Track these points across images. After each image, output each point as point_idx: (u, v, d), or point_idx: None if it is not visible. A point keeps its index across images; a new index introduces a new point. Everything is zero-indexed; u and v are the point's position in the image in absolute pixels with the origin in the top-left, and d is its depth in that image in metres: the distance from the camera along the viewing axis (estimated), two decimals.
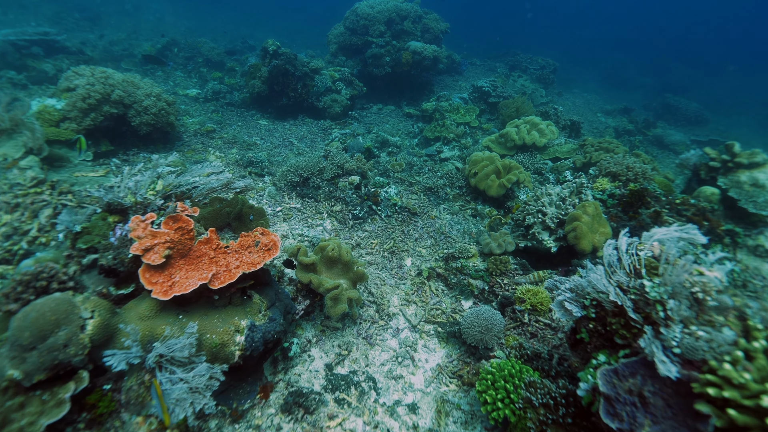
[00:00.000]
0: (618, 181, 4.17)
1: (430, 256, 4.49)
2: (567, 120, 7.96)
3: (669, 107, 12.45)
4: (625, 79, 18.25)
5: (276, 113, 9.79)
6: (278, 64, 9.06)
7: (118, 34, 16.23)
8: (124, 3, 21.53)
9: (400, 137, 9.30)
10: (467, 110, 9.04)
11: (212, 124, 8.51)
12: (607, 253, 2.10)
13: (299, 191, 4.98)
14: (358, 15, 11.41)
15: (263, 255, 2.62)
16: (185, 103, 9.97)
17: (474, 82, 12.64)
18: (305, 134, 8.79)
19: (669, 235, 2.13)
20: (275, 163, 7.00)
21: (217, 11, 24.56)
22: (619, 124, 10.55)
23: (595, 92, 15.83)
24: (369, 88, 11.52)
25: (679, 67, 19.27)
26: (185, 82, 12.02)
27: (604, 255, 2.11)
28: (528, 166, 6.07)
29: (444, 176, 5.87)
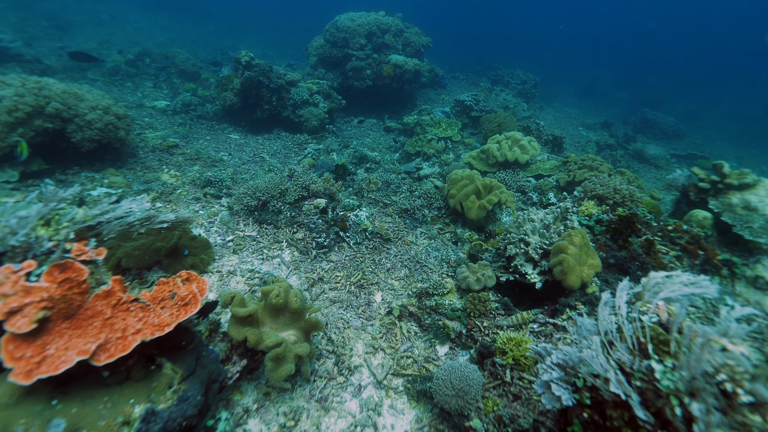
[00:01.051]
0: (605, 205, 3.80)
1: (403, 290, 4.01)
2: (549, 135, 7.69)
3: (647, 121, 12.45)
4: (603, 94, 18.44)
5: (250, 126, 9.30)
6: (251, 76, 8.60)
7: (89, 44, 15.59)
8: (100, 12, 20.90)
9: (380, 152, 8.89)
10: (449, 124, 8.71)
11: (176, 139, 7.95)
12: (603, 316, 1.66)
13: (257, 216, 4.46)
14: (338, 28, 11.11)
15: (177, 313, 2.10)
16: (151, 115, 9.40)
17: (457, 96, 12.43)
18: (279, 149, 8.30)
19: (676, 290, 1.71)
20: (240, 182, 6.47)
21: (200, 22, 24.11)
22: (600, 138, 10.41)
23: (575, 106, 15.87)
24: (350, 101, 11.16)
25: (654, 82, 19.67)
26: (155, 93, 11.46)
27: (599, 319, 1.66)
28: (510, 184, 5.70)
29: (422, 196, 5.44)
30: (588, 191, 3.97)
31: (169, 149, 7.27)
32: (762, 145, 12.64)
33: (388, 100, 11.25)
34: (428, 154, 6.82)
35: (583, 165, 5.18)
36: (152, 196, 4.79)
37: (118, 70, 12.36)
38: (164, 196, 4.94)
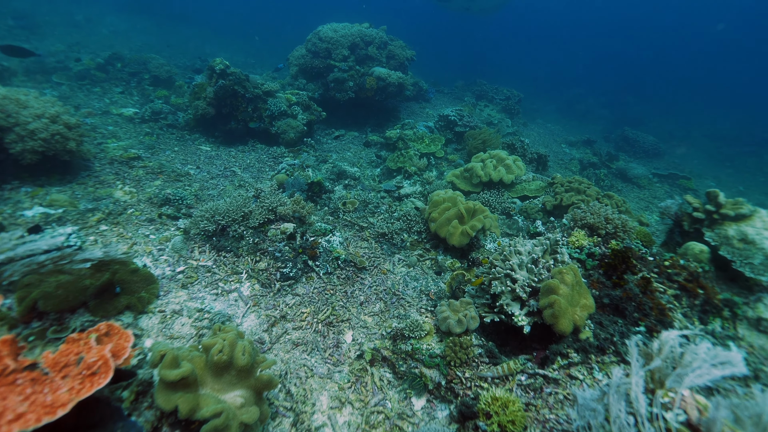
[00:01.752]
0: (596, 236, 3.51)
1: (378, 328, 3.59)
2: (534, 153, 7.50)
3: (628, 140, 12.54)
4: (585, 111, 18.70)
5: (223, 137, 8.81)
6: (225, 85, 8.15)
7: (57, 45, 14.84)
8: (74, 14, 20.10)
9: (360, 167, 8.53)
10: (432, 140, 8.43)
11: (139, 150, 7.40)
12: (615, 411, 1.29)
13: (215, 243, 3.99)
14: (320, 38, 10.81)
15: (80, 387, 1.64)
16: (116, 123, 8.81)
17: (441, 110, 12.24)
18: (252, 162, 7.83)
19: (704, 375, 1.36)
20: (206, 199, 5.97)
21: (181, 28, 23.50)
22: (584, 156, 10.35)
23: (558, 122, 15.96)
24: (331, 113, 10.79)
25: (633, 102, 20.09)
26: (124, 99, 10.85)
27: (611, 414, 1.29)
28: (494, 205, 5.40)
29: (402, 218, 5.07)
30: (578, 220, 3.68)
31: (129, 161, 6.71)
32: (737, 165, 12.90)
33: (370, 112, 10.96)
34: (410, 171, 6.48)
35: (570, 188, 4.93)
36: (97, 218, 4.26)
37: (86, 75, 11.71)
38: (112, 217, 4.41)
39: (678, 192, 8.94)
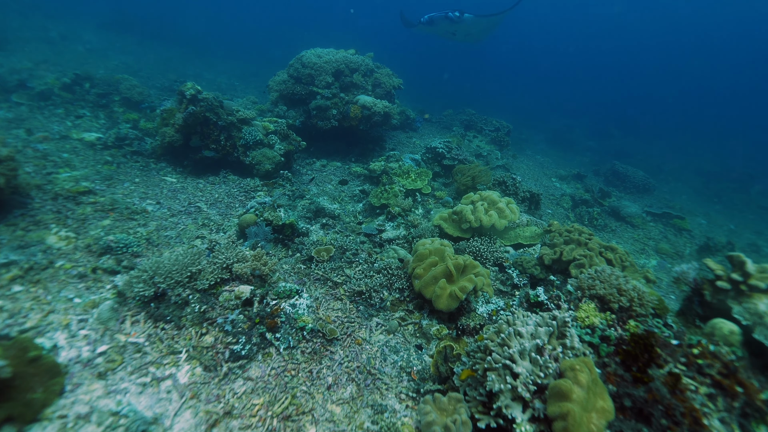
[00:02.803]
0: (609, 312, 2.97)
1: (347, 421, 2.91)
2: (526, 192, 7.06)
3: (618, 174, 12.38)
4: (572, 142, 18.75)
5: (193, 167, 8.13)
6: (195, 111, 7.56)
7: (23, 63, 14.08)
8: (48, 30, 19.41)
9: (341, 202, 7.94)
10: (419, 174, 7.94)
11: (94, 181, 6.67)
12: None
13: (153, 310, 3.27)
14: (303, 63, 10.39)
15: None
16: (74, 150, 8.07)
17: (428, 140, 11.87)
18: (221, 196, 7.16)
19: None
20: (160, 244, 5.24)
21: (163, 47, 23.01)
22: (575, 192, 10.03)
23: (547, 154, 15.84)
24: (313, 142, 10.27)
25: (619, 134, 20.36)
26: (88, 123, 10.12)
27: None
28: (486, 255, 4.84)
29: (382, 271, 4.45)
30: (585, 288, 3.14)
31: (77, 196, 5.96)
32: (725, 201, 12.86)
33: (354, 141, 10.49)
34: (393, 213, 5.91)
35: (570, 239, 4.43)
36: (11, 275, 3.50)
37: (50, 95, 10.98)
38: (32, 273, 3.65)
39: (672, 232, 8.63)
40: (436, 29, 12.27)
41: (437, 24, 11.78)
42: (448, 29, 12.03)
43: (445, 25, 11.82)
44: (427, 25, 11.90)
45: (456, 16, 11.15)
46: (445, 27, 11.92)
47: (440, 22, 11.53)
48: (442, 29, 12.13)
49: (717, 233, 9.41)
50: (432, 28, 12.17)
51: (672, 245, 7.89)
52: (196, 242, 5.65)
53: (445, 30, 12.19)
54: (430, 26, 11.98)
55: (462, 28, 11.77)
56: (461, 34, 12.24)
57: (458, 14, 11.14)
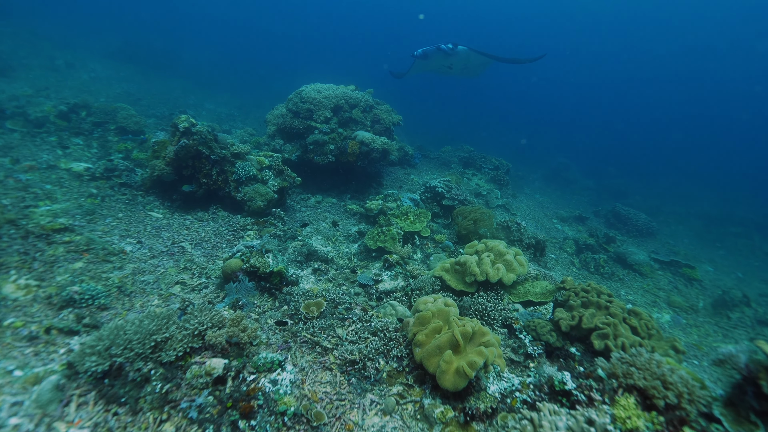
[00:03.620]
0: (654, 411, 2.49)
1: None
2: (531, 239, 6.70)
3: (620, 217, 12.13)
4: (569, 180, 18.70)
5: (182, 201, 7.75)
6: (187, 145, 7.27)
7: (24, 89, 14.01)
8: (55, 58, 19.59)
9: (335, 243, 7.53)
10: (417, 215, 7.59)
11: (74, 217, 6.25)
12: None
13: (106, 389, 2.75)
14: (302, 98, 10.31)
15: None
16: (59, 181, 7.71)
17: (427, 177, 11.65)
18: (208, 235, 6.72)
19: None
20: (132, 295, 4.75)
21: (166, 77, 23.27)
22: (579, 236, 9.70)
23: (545, 193, 15.68)
24: (309, 177, 10.00)
25: (616, 173, 20.43)
26: (80, 152, 9.83)
27: None
28: (493, 315, 4.38)
29: (379, 332, 3.96)
30: (619, 375, 2.67)
31: (51, 234, 5.51)
32: (728, 246, 12.59)
33: (351, 178, 10.23)
34: (391, 261, 5.48)
35: (588, 300, 4.00)
36: None
37: (45, 122, 10.77)
38: None
39: (682, 282, 8.25)
40: (431, 63, 12.07)
41: (431, 57, 11.55)
42: (443, 63, 11.81)
43: (440, 58, 11.55)
44: (421, 60, 11.68)
45: (449, 48, 10.95)
46: (439, 60, 11.69)
47: (434, 55, 11.29)
48: (438, 63, 11.90)
49: (725, 281, 9.02)
50: (427, 62, 11.98)
51: (684, 297, 7.47)
52: (175, 288, 5.17)
53: (440, 64, 11.99)
54: (424, 60, 11.78)
55: (458, 61, 11.57)
56: (458, 68, 12.05)
57: (451, 46, 10.95)
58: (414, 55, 11.43)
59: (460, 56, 11.31)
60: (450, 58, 11.40)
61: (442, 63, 11.72)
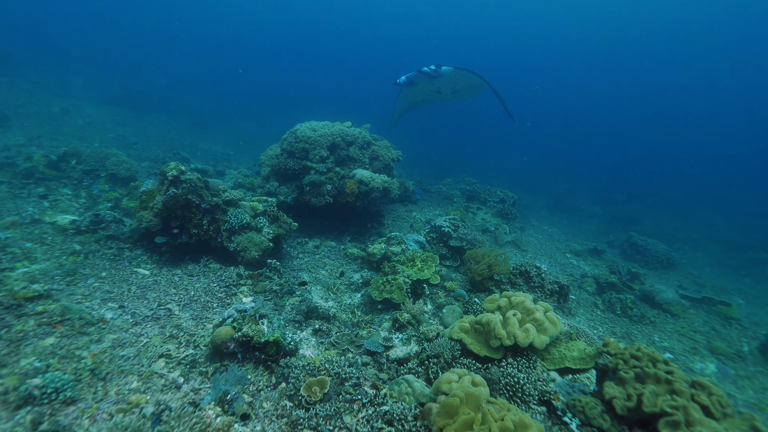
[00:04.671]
0: None
1: None
2: (554, 284, 6.12)
3: (636, 247, 11.55)
4: (574, 207, 18.28)
5: (171, 254, 7.20)
6: (176, 195, 6.81)
7: (17, 139, 13.76)
8: (51, 106, 19.64)
9: (337, 294, 6.92)
10: (425, 260, 7.03)
11: (51, 280, 5.68)
12: None
13: None
14: (297, 137, 9.98)
15: None
16: (42, 237, 7.20)
17: (429, 214, 11.18)
18: (198, 294, 6.12)
19: None
20: (107, 379, 4.10)
21: (161, 120, 23.33)
22: (598, 273, 9.09)
23: (551, 222, 15.20)
24: (306, 219, 9.51)
25: (623, 198, 20.02)
26: (67, 203, 9.38)
27: None
28: (528, 389, 3.72)
29: (394, 423, 3.31)
30: None
31: (23, 304, 4.93)
32: (754, 274, 11.97)
33: (350, 218, 9.74)
34: (402, 321, 4.87)
35: (642, 371, 3.37)
36: None
37: (34, 172, 10.40)
38: None
39: (719, 322, 7.58)
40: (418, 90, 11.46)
41: (417, 83, 10.90)
42: (430, 87, 11.17)
43: (426, 82, 10.83)
44: (406, 87, 11.10)
45: (432, 69, 10.33)
46: (426, 85, 11.04)
47: (419, 80, 10.72)
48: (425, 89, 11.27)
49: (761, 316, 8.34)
50: (413, 89, 11.43)
51: (726, 341, 6.79)
52: (158, 364, 4.51)
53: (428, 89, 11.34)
54: (410, 88, 11.22)
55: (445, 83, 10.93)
56: (447, 91, 11.38)
57: (434, 67, 10.33)
58: (397, 82, 10.87)
59: (447, 77, 10.70)
60: (436, 81, 10.76)
61: (429, 88, 11.06)
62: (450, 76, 10.59)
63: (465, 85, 11.14)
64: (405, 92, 11.38)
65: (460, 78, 10.77)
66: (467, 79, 10.68)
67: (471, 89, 11.49)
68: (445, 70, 10.34)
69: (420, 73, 10.37)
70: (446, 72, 10.40)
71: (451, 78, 10.69)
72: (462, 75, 10.58)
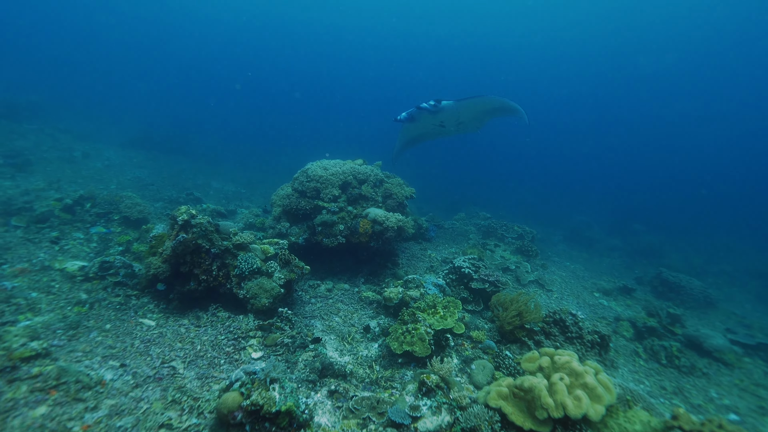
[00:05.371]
0: None
1: None
2: (594, 334, 5.54)
3: (668, 285, 10.80)
4: (593, 240, 17.59)
5: (179, 301, 6.87)
6: (185, 240, 6.57)
7: (38, 183, 14.01)
8: (73, 150, 20.27)
9: (352, 345, 6.43)
10: (446, 306, 6.54)
11: (53, 334, 5.37)
12: None
13: None
14: (308, 176, 9.83)
15: None
16: (49, 285, 7.01)
17: (445, 252, 10.73)
18: (205, 348, 5.70)
19: None
20: None
21: (177, 160, 23.84)
22: (633, 315, 8.38)
23: (571, 257, 14.52)
24: (317, 259, 9.17)
25: (642, 229, 19.29)
26: (79, 247, 9.24)
27: None
28: None
29: None
30: None
31: (18, 366, 4.60)
32: None
33: (363, 258, 9.36)
34: (429, 385, 4.34)
35: None
36: None
37: (50, 216, 10.41)
38: None
39: None
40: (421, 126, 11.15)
41: (419, 119, 10.60)
42: (432, 122, 10.91)
43: (427, 117, 10.57)
44: (408, 123, 10.81)
45: (431, 105, 10.09)
46: (427, 119, 10.78)
47: (419, 115, 10.45)
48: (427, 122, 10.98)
49: None
50: (415, 125, 11.16)
51: None
52: None
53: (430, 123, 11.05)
54: (412, 123, 10.92)
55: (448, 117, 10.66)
56: (451, 125, 11.07)
57: (433, 103, 10.09)
58: (397, 119, 10.61)
59: (448, 112, 10.45)
60: (438, 116, 10.48)
61: (432, 122, 10.83)
62: (451, 110, 10.39)
63: (469, 117, 10.88)
64: (408, 127, 11.19)
65: (462, 110, 10.53)
66: (471, 109, 10.44)
67: (476, 121, 11.20)
68: (445, 104, 10.18)
69: (419, 109, 10.22)
70: (447, 106, 10.22)
71: (453, 112, 10.48)
72: (464, 106, 10.32)
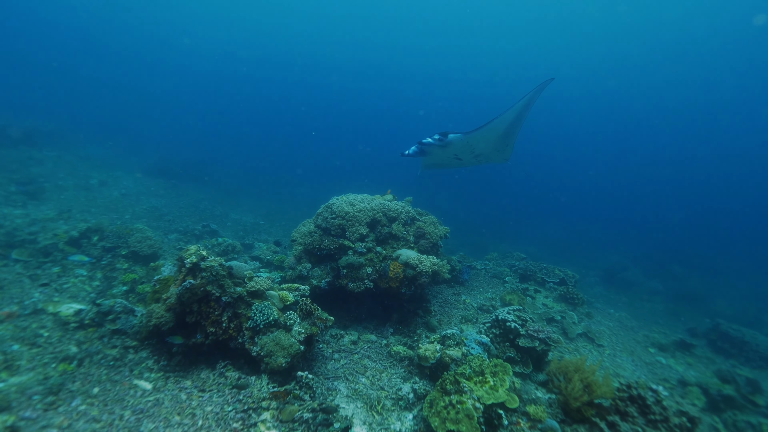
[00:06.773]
0: None
1: None
2: (681, 416, 4.41)
3: (729, 338, 9.46)
4: (630, 282, 16.24)
5: (183, 356, 5.97)
6: (193, 286, 5.76)
7: (47, 213, 13.59)
8: (90, 178, 20.17)
9: (383, 414, 5.37)
10: (495, 372, 5.47)
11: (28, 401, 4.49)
12: None
13: None
14: (333, 212, 9.04)
15: None
16: (34, 336, 6.21)
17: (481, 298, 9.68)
18: (207, 424, 4.71)
19: None
20: None
21: (194, 190, 23.57)
22: (701, 378, 7.12)
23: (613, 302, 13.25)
24: (341, 306, 8.24)
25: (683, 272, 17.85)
26: (80, 286, 8.52)
27: None
28: None
29: None
30: None
31: None
32: None
33: (392, 305, 8.38)
34: None
35: None
36: None
37: (53, 250, 9.80)
38: None
39: None
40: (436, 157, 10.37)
41: (429, 153, 9.87)
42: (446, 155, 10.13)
43: (438, 152, 9.89)
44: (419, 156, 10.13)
45: (436, 139, 9.32)
46: (439, 153, 10.02)
47: (430, 149, 9.74)
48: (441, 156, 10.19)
49: None
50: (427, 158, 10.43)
51: None
52: None
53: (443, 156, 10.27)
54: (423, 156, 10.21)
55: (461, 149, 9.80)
56: (468, 157, 10.18)
57: (438, 137, 9.32)
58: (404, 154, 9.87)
59: (458, 145, 9.66)
60: (449, 149, 9.73)
61: (444, 155, 10.04)
62: (462, 144, 9.61)
63: (485, 147, 9.97)
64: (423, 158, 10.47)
65: (474, 142, 9.68)
66: (482, 140, 9.52)
67: (495, 151, 10.27)
68: (453, 138, 9.41)
69: (422, 145, 9.55)
70: (455, 140, 9.45)
71: (464, 145, 9.69)
72: (475, 138, 9.45)
